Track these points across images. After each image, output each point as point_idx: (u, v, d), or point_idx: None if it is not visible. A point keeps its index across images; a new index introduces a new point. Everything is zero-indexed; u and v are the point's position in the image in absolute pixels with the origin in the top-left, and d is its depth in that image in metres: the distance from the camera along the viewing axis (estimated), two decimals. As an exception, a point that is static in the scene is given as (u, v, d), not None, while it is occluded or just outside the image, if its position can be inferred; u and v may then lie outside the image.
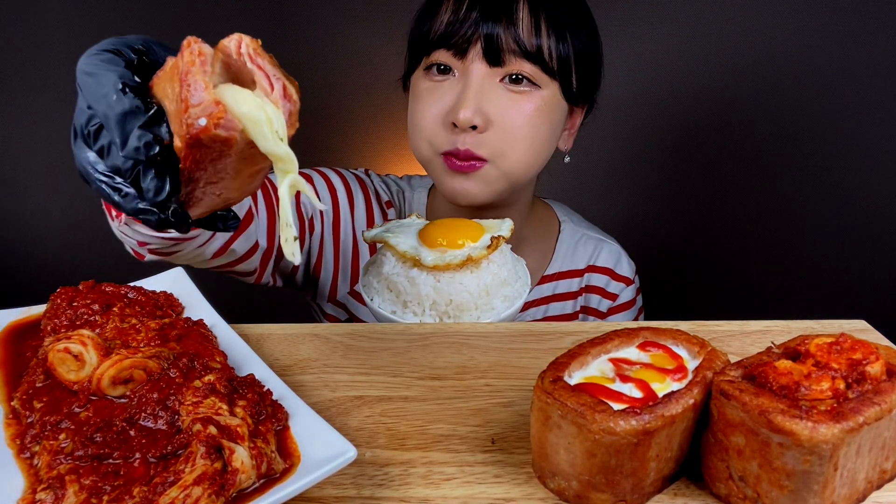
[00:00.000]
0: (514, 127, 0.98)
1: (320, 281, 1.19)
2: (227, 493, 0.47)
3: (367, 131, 2.16)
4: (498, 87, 0.99)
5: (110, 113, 0.50)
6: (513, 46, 0.96)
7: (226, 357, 0.63)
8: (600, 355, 0.57)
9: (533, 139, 1.00)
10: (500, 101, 0.98)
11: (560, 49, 0.98)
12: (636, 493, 0.52)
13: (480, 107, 0.97)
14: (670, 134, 2.14)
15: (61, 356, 0.58)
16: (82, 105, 0.53)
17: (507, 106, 0.98)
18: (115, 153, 0.51)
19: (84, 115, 0.52)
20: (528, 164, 1.03)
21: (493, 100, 0.98)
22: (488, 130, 0.98)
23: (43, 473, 0.49)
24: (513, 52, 0.96)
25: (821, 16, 1.95)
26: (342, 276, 1.19)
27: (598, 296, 1.22)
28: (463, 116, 0.96)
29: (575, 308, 1.22)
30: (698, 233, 2.23)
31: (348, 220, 1.15)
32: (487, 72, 0.98)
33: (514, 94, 0.99)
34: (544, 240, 1.22)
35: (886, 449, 0.52)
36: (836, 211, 2.13)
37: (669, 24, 2.02)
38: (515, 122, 0.98)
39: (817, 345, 0.52)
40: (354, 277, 1.19)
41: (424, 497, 0.54)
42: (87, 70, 0.52)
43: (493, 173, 1.01)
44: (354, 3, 2.08)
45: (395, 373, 0.70)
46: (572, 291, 1.21)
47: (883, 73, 1.99)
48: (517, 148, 1.00)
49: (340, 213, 1.15)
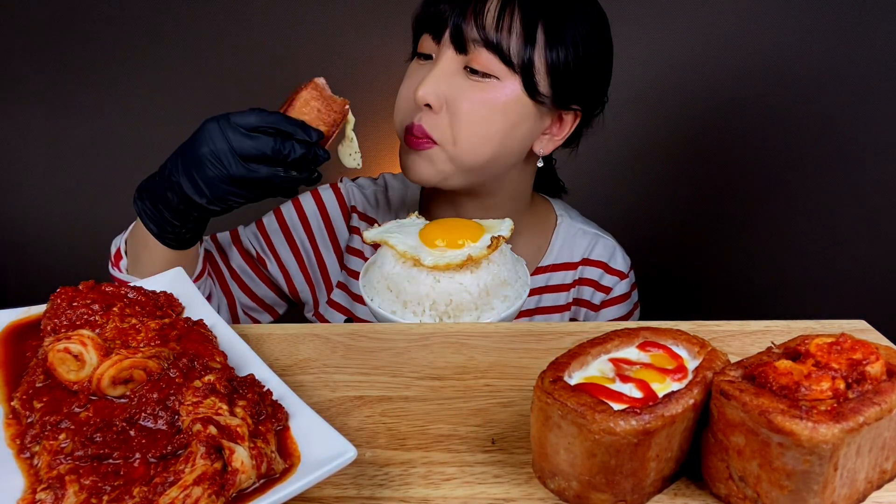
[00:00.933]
0: (462, 111, 1.01)
1: (302, 301, 1.25)
2: (227, 493, 0.47)
3: (367, 131, 2.16)
4: (461, 73, 1.03)
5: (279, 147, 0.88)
6: (475, 35, 0.99)
7: (226, 357, 0.63)
8: (600, 355, 0.57)
9: (480, 127, 1.02)
10: (458, 86, 1.02)
11: (525, 47, 1.00)
12: (636, 493, 0.52)
13: (438, 88, 1.01)
14: (671, 133, 2.14)
15: (61, 356, 0.58)
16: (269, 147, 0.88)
17: (461, 91, 1.02)
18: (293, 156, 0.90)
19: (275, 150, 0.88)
20: (476, 152, 1.04)
21: (453, 84, 1.02)
22: (442, 112, 1.02)
23: (43, 473, 0.49)
24: (475, 41, 1.00)
25: (826, 14, 1.95)
26: (319, 291, 1.24)
27: (592, 288, 1.23)
28: (419, 94, 1.01)
29: (567, 300, 1.23)
30: (698, 233, 2.23)
31: (305, 240, 1.21)
32: (454, 58, 1.02)
33: (472, 81, 1.02)
34: (540, 233, 1.24)
35: (886, 449, 0.52)
36: (837, 211, 2.13)
37: (671, 23, 2.02)
38: (464, 107, 1.01)
39: (817, 345, 0.52)
40: (329, 288, 1.24)
41: (424, 497, 0.54)
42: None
43: (441, 156, 1.04)
44: (356, 4, 2.08)
45: (395, 373, 0.70)
46: (566, 284, 1.23)
47: (885, 72, 1.99)
48: (463, 133, 1.02)
49: (295, 238, 1.21)
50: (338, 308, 1.23)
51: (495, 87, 1.01)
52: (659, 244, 2.19)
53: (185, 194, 0.89)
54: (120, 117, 2.21)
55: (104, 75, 2.16)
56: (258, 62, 2.13)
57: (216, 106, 0.99)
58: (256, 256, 1.19)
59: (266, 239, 1.20)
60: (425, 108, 1.03)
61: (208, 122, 0.89)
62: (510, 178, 1.14)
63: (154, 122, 2.14)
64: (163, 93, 2.18)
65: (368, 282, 0.93)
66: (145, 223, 0.95)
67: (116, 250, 1.03)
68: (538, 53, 1.01)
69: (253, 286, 1.20)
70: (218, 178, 0.87)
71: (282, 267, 1.20)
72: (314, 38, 2.11)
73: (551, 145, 1.12)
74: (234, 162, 0.87)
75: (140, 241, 0.98)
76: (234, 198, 0.90)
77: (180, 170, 0.89)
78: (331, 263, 1.23)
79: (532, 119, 1.06)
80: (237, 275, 1.18)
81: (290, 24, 2.11)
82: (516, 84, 1.02)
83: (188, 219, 0.94)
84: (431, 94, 1.01)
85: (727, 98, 2.07)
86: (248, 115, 0.88)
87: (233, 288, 1.18)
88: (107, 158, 2.24)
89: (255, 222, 1.22)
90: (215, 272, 1.16)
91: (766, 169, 2.13)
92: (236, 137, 0.87)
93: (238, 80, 2.14)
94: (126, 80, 2.17)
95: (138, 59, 2.15)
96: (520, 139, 1.07)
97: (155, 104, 2.19)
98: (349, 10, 2.08)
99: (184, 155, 0.89)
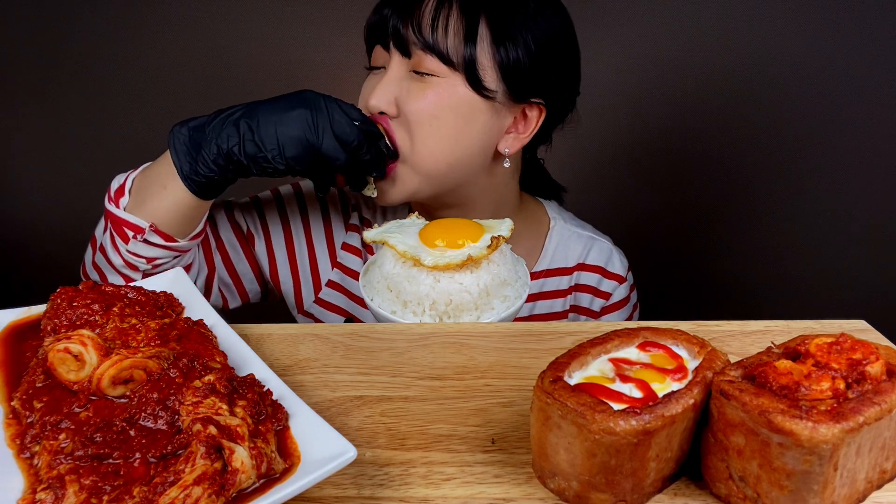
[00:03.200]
0: (411, 111, 1.02)
1: (283, 291, 1.23)
2: (227, 493, 0.47)
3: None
4: (409, 77, 1.04)
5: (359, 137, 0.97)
6: (413, 38, 1.01)
7: (226, 357, 0.63)
8: (600, 355, 0.57)
9: (432, 126, 1.03)
10: (406, 89, 1.03)
11: (465, 44, 1.01)
12: (636, 493, 0.52)
13: (389, 93, 1.03)
14: (670, 133, 2.13)
15: (61, 356, 0.58)
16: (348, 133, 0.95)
17: (409, 92, 1.03)
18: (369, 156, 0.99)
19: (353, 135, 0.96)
20: (433, 155, 1.04)
21: (402, 87, 1.03)
22: (400, 117, 1.04)
23: (43, 473, 0.49)
24: (414, 43, 1.01)
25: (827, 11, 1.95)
26: (305, 285, 1.22)
27: (590, 294, 1.22)
28: (371, 103, 1.04)
29: (564, 307, 1.21)
30: (698, 232, 2.23)
31: (300, 229, 1.20)
32: (401, 62, 1.04)
33: (418, 82, 1.03)
34: (532, 237, 1.23)
35: (886, 449, 0.52)
36: (837, 210, 2.13)
37: (667, 17, 2.02)
38: (412, 107, 1.02)
39: (817, 345, 0.52)
40: (317, 286, 1.22)
41: (424, 497, 0.54)
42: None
43: (403, 171, 1.05)
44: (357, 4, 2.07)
45: (395, 373, 0.70)
46: (561, 290, 1.21)
47: (884, 71, 1.98)
48: (417, 135, 1.03)
49: (290, 224, 1.20)
50: (330, 308, 1.22)
51: (439, 84, 1.02)
52: (659, 244, 2.19)
53: (246, 143, 0.92)
54: (120, 117, 2.21)
55: (103, 74, 2.16)
56: (253, 65, 2.13)
57: (215, 105, 0.99)
58: (246, 232, 1.17)
59: (260, 218, 1.18)
60: (381, 115, 1.04)
61: (311, 91, 0.95)
62: (484, 184, 1.12)
63: (154, 122, 2.14)
64: (162, 92, 2.18)
65: (368, 282, 0.93)
66: (179, 159, 0.95)
67: (119, 186, 1.01)
68: (482, 49, 1.01)
69: (236, 260, 1.17)
70: (302, 141, 0.92)
71: (269, 249, 1.19)
72: (308, 42, 2.11)
73: (517, 143, 1.10)
74: (328, 136, 0.93)
75: (158, 181, 0.97)
76: (296, 164, 0.94)
77: (258, 121, 0.92)
78: (321, 257, 1.21)
79: (486, 115, 1.05)
80: (223, 246, 1.16)
81: (290, 23, 2.10)
82: (460, 80, 1.02)
83: (225, 170, 0.95)
84: (382, 101, 1.03)
85: (728, 97, 2.06)
86: (352, 106, 0.98)
87: (216, 259, 1.16)
88: (107, 158, 2.24)
89: (250, 196, 1.20)
90: (202, 240, 1.14)
91: (766, 169, 2.12)
92: (339, 117, 0.94)
93: (236, 79, 2.14)
94: (125, 79, 2.17)
95: (136, 58, 2.15)
96: (477, 137, 1.06)
97: (154, 104, 2.19)
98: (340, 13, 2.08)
99: (270, 109, 0.92)
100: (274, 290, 1.24)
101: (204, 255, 1.14)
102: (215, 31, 2.13)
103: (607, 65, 1.97)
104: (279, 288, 1.22)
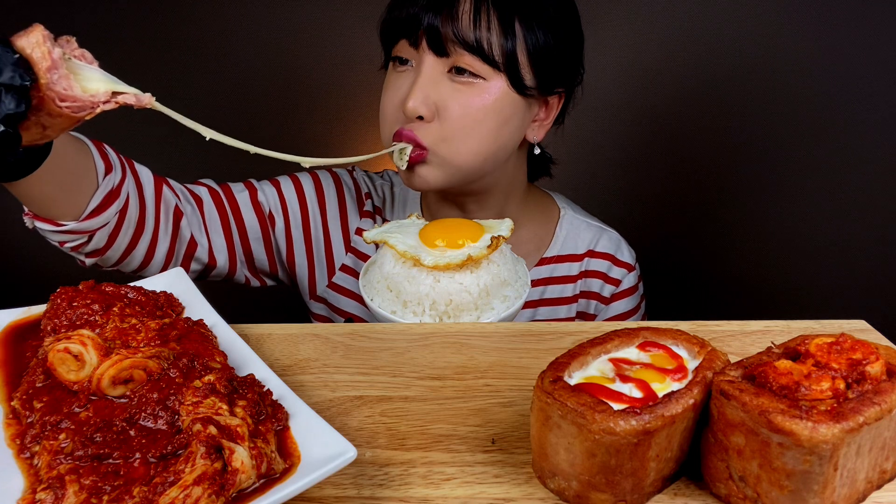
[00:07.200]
0: (455, 117, 1.01)
1: (297, 275, 1.23)
2: (227, 493, 0.47)
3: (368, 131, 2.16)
4: (445, 77, 1.02)
5: None
6: (452, 38, 0.98)
7: (226, 357, 0.63)
8: (600, 355, 0.57)
9: (474, 130, 1.02)
10: (446, 92, 1.01)
11: (505, 43, 1.00)
12: (636, 493, 0.52)
13: (428, 96, 1.00)
14: (670, 133, 2.13)
15: (61, 356, 0.58)
16: None
17: (450, 96, 1.01)
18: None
19: None
20: (472, 154, 1.04)
21: (440, 90, 1.01)
22: (435, 120, 1.02)
23: (43, 473, 0.49)
24: (454, 42, 0.99)
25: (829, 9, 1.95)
26: (319, 270, 1.22)
27: (601, 280, 1.23)
28: (409, 106, 1.00)
29: (574, 292, 1.23)
30: (698, 232, 2.23)
31: (317, 214, 1.20)
32: (436, 62, 1.01)
33: (458, 84, 1.01)
34: (543, 224, 1.25)
35: (886, 449, 0.52)
36: (837, 210, 2.13)
37: (666, 18, 2.02)
38: (456, 113, 1.01)
39: (817, 345, 0.52)
40: (331, 270, 1.22)
41: (424, 497, 0.54)
42: None
43: (436, 162, 1.04)
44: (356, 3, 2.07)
45: (395, 373, 0.70)
46: (571, 275, 1.23)
47: (884, 70, 1.98)
48: (457, 137, 1.02)
49: (308, 208, 1.19)
50: (343, 292, 1.22)
51: (483, 88, 1.01)
52: (659, 244, 2.19)
53: None
54: (119, 116, 2.21)
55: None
56: (252, 64, 2.13)
57: (213, 106, 0.99)
58: (269, 214, 1.17)
59: (282, 199, 1.17)
60: (416, 119, 1.01)
61: None
62: (505, 170, 1.14)
63: (153, 122, 2.14)
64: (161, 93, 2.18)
65: (368, 282, 0.93)
66: None
67: None
68: (520, 47, 1.01)
69: (254, 241, 1.16)
70: None
71: (288, 231, 1.18)
72: (313, 41, 2.11)
73: (542, 130, 1.13)
74: None
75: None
76: None
77: None
78: (336, 242, 1.21)
79: (522, 111, 1.07)
80: (244, 227, 1.14)
81: (290, 23, 2.10)
82: (502, 81, 1.02)
83: None
84: (422, 106, 1.00)
85: (728, 98, 2.06)
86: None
87: (235, 238, 1.14)
88: (107, 158, 2.24)
89: (269, 180, 1.19)
90: (222, 221, 1.12)
91: (766, 168, 2.12)
92: None
93: (233, 80, 2.14)
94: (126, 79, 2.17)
95: (133, 58, 2.15)
96: (514, 133, 1.07)
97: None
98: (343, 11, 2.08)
99: None
100: (283, 279, 1.24)
101: (224, 236, 1.13)
102: (216, 30, 2.12)
103: (607, 65, 1.97)
104: (293, 271, 1.22)
